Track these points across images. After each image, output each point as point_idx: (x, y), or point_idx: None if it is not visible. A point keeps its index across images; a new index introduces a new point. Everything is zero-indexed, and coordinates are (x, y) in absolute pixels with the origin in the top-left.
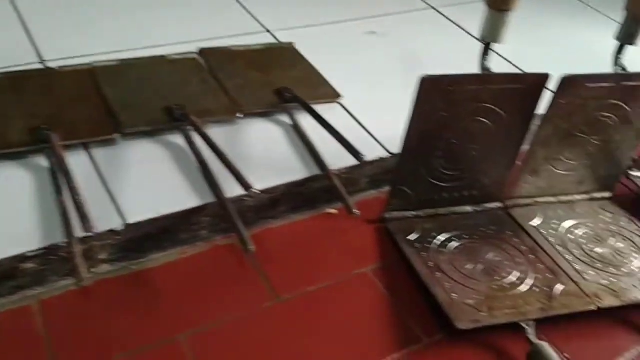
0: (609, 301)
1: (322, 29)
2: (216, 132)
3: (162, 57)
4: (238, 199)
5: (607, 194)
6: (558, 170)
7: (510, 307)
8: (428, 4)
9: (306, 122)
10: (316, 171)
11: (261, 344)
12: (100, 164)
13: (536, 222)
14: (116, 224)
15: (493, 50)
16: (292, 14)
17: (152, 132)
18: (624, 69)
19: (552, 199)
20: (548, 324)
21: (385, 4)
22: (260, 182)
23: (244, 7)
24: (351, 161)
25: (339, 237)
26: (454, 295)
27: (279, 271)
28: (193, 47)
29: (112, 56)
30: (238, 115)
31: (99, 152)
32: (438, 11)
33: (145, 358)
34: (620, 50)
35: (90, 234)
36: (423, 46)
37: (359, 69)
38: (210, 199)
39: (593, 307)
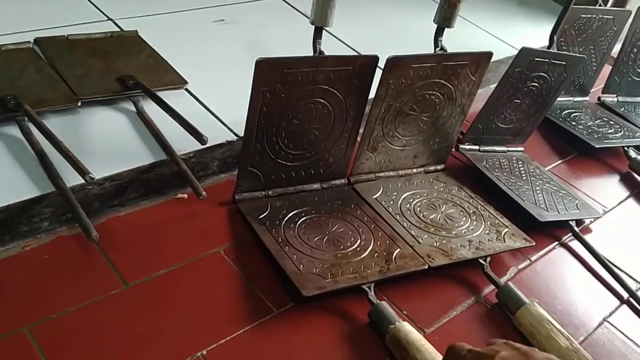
0: (439, 260)
1: (169, 17)
2: (56, 122)
3: None
4: (82, 188)
5: (440, 166)
6: (394, 146)
7: (353, 272)
8: None
9: (151, 108)
10: (163, 157)
11: (110, 329)
12: None
13: (377, 195)
14: None
15: (329, 32)
16: (137, 2)
17: None
18: (443, 49)
19: (392, 173)
20: (388, 286)
21: None
22: (105, 170)
23: None
24: (199, 146)
25: (189, 221)
26: (301, 266)
27: (127, 258)
28: (30, 37)
29: None
30: (78, 103)
31: None
32: (284, 0)
33: None
34: (439, 32)
35: None
36: (270, 33)
37: (207, 56)
38: (50, 189)
39: (425, 267)
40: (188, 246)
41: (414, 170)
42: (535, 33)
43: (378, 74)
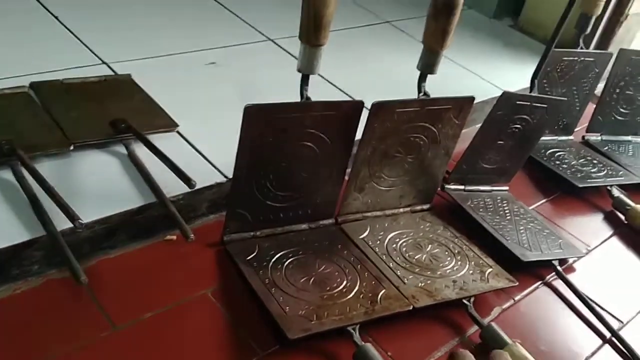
0: (424, 301)
1: (162, 60)
2: (49, 166)
3: None
4: (72, 231)
5: (426, 206)
6: (381, 187)
7: (338, 314)
8: (267, 37)
9: (142, 151)
10: (153, 199)
11: None
12: None
13: (364, 234)
14: None
15: (320, 75)
16: (130, 45)
17: None
18: (426, 94)
19: (378, 213)
20: (373, 327)
21: (225, 36)
22: (95, 213)
23: (80, 40)
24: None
25: (178, 263)
26: (287, 308)
27: (116, 300)
28: (26, 81)
29: None
30: (71, 147)
31: None
32: (276, 43)
33: None
34: (422, 78)
35: None
36: (262, 76)
37: (199, 99)
38: (41, 233)
39: (409, 307)
40: (176, 288)
41: (401, 210)
42: (521, 74)
43: (365, 116)
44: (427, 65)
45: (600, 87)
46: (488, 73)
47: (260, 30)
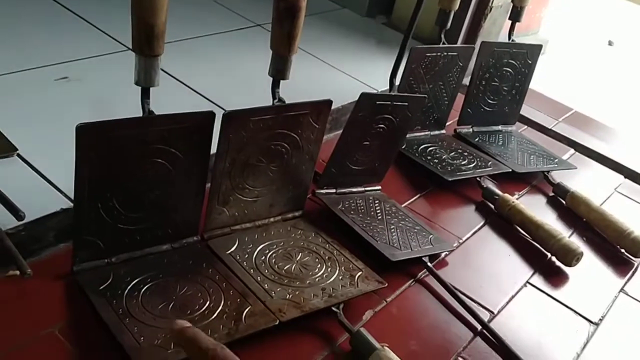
0: (291, 313)
1: (1, 79)
2: None
3: None
4: None
5: (297, 213)
6: (247, 198)
7: None
8: (126, 47)
9: None
10: None
11: None
12: None
13: (232, 249)
14: None
15: (180, 81)
16: None
17: None
18: (281, 100)
19: (248, 225)
20: (239, 347)
21: (81, 48)
22: None
23: None
24: (33, 216)
25: (22, 300)
26: (142, 339)
27: None
28: None
29: None
30: None
31: None
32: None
33: None
34: (275, 84)
35: None
36: (120, 89)
37: (45, 118)
38: None
39: (276, 322)
40: (18, 329)
41: (272, 219)
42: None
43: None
44: (278, 71)
45: (467, 80)
46: (361, 73)
47: (120, 40)
